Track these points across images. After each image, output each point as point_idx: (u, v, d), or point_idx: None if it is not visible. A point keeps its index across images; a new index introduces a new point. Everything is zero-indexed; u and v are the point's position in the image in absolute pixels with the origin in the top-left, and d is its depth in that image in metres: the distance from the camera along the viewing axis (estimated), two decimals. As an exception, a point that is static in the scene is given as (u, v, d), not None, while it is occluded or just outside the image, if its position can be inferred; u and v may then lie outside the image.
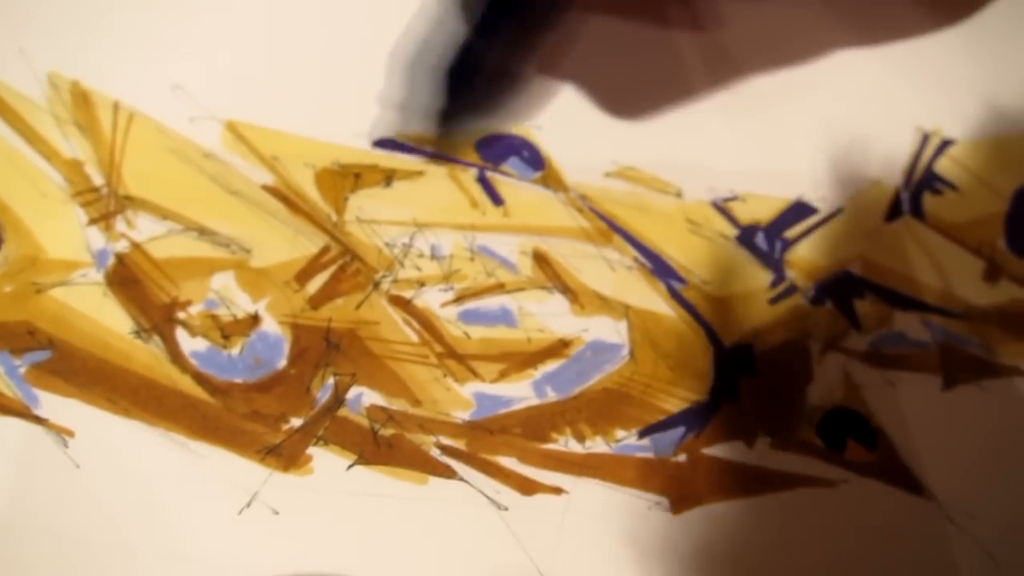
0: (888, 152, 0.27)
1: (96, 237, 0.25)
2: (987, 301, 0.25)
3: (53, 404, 0.23)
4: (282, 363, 0.24)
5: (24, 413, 0.23)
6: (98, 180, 0.25)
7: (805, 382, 0.24)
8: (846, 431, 0.24)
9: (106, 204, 0.25)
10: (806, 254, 0.26)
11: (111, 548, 0.22)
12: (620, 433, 0.24)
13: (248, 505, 0.22)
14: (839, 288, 0.26)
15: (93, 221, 0.25)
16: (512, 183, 0.26)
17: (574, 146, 0.26)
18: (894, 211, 0.27)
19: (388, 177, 0.26)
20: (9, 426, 0.23)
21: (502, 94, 0.26)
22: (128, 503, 0.22)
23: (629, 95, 0.26)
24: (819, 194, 0.26)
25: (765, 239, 0.26)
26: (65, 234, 0.25)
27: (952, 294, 0.25)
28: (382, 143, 0.26)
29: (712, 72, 0.27)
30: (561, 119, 0.26)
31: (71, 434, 0.23)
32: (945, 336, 0.25)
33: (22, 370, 0.23)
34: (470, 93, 0.25)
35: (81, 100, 0.26)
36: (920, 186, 0.27)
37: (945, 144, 0.27)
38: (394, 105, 0.25)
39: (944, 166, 0.27)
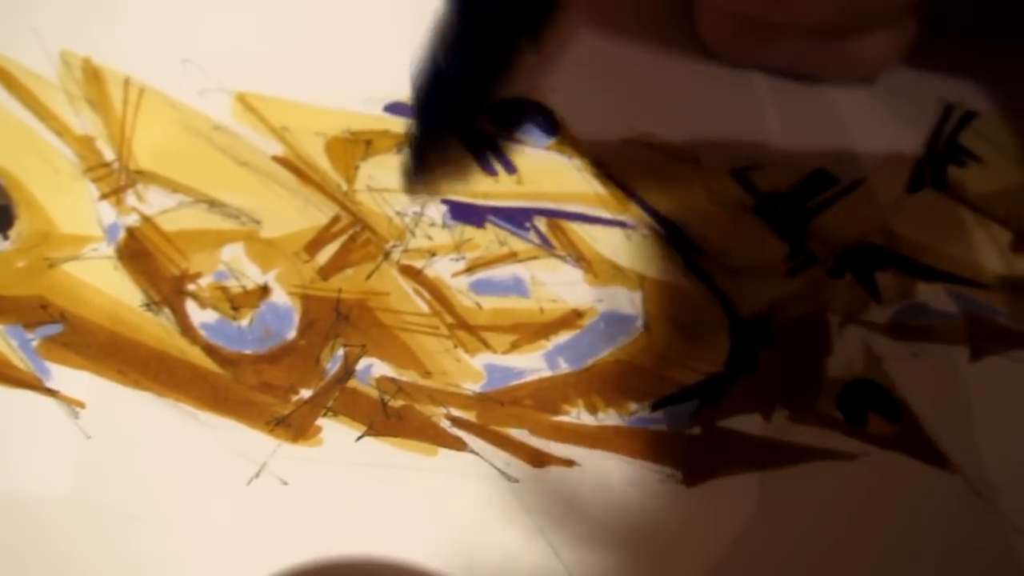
0: (910, 124, 0.26)
1: (107, 211, 0.25)
2: (1016, 271, 0.24)
3: (64, 376, 0.23)
4: (291, 334, 0.24)
5: (36, 385, 0.23)
6: (109, 155, 0.25)
7: (824, 354, 0.24)
8: (867, 404, 0.23)
9: (117, 179, 0.25)
10: (826, 225, 0.25)
11: (119, 518, 0.22)
12: (633, 405, 0.23)
13: (257, 476, 0.22)
14: (859, 260, 0.25)
15: (104, 196, 0.25)
16: (525, 150, 0.26)
17: (590, 111, 0.26)
18: (917, 182, 0.26)
19: (399, 143, 0.25)
20: (21, 398, 0.23)
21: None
22: (137, 473, 0.22)
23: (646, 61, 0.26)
24: (840, 165, 0.26)
25: (784, 209, 0.25)
26: (77, 209, 0.25)
27: (979, 265, 0.25)
28: (393, 108, 0.26)
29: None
30: (577, 83, 0.25)
31: (82, 405, 0.23)
32: (973, 307, 0.24)
33: (34, 343, 0.23)
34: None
35: (92, 76, 0.26)
36: (943, 158, 0.26)
37: (968, 116, 0.27)
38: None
39: (968, 139, 0.26)
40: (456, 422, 0.23)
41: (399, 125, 0.26)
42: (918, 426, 0.23)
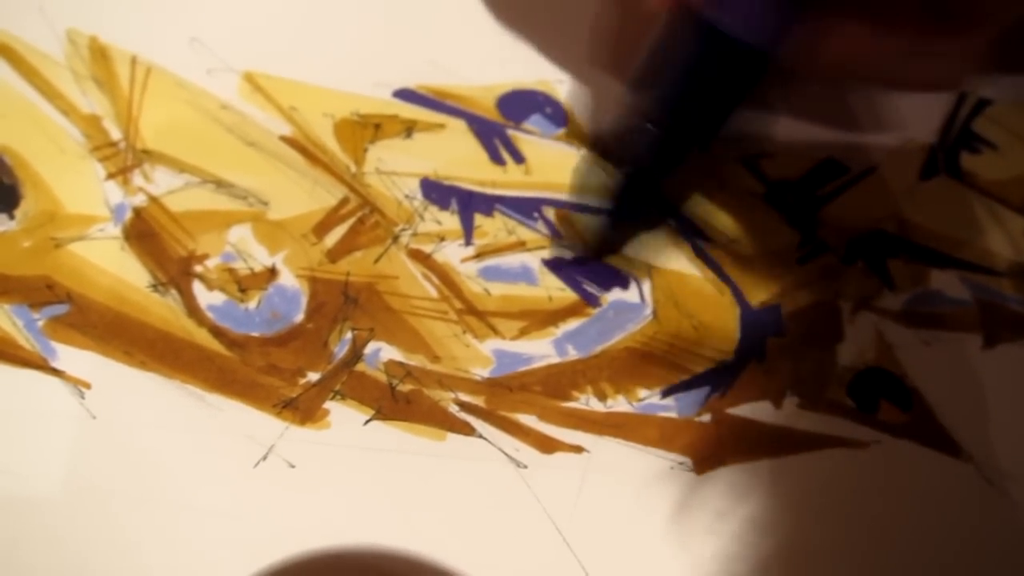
0: (923, 111, 0.26)
1: (114, 191, 0.25)
2: (1030, 259, 0.24)
3: (70, 357, 0.23)
4: (299, 317, 0.23)
5: (42, 366, 0.23)
6: (116, 135, 0.25)
7: (835, 342, 0.24)
8: (879, 391, 0.23)
9: (124, 158, 0.25)
10: (837, 212, 0.25)
11: (126, 499, 0.22)
12: (643, 392, 0.23)
13: (264, 458, 0.22)
14: (872, 247, 0.25)
15: (111, 176, 0.25)
16: (534, 140, 0.25)
17: (598, 100, 0.25)
18: (930, 169, 0.26)
19: (408, 128, 0.25)
20: (27, 378, 0.23)
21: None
22: (144, 455, 0.22)
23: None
24: (851, 153, 0.26)
25: (795, 197, 0.25)
26: (83, 189, 0.25)
27: (992, 252, 0.25)
28: (402, 93, 0.25)
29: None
30: (584, 73, 0.25)
31: (88, 386, 0.23)
32: (986, 294, 0.24)
33: (40, 323, 0.23)
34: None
35: (99, 55, 0.26)
36: (957, 145, 0.26)
37: (982, 104, 0.26)
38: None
39: (982, 126, 0.26)
40: (465, 407, 0.23)
41: (408, 111, 0.25)
42: (930, 414, 0.23)
